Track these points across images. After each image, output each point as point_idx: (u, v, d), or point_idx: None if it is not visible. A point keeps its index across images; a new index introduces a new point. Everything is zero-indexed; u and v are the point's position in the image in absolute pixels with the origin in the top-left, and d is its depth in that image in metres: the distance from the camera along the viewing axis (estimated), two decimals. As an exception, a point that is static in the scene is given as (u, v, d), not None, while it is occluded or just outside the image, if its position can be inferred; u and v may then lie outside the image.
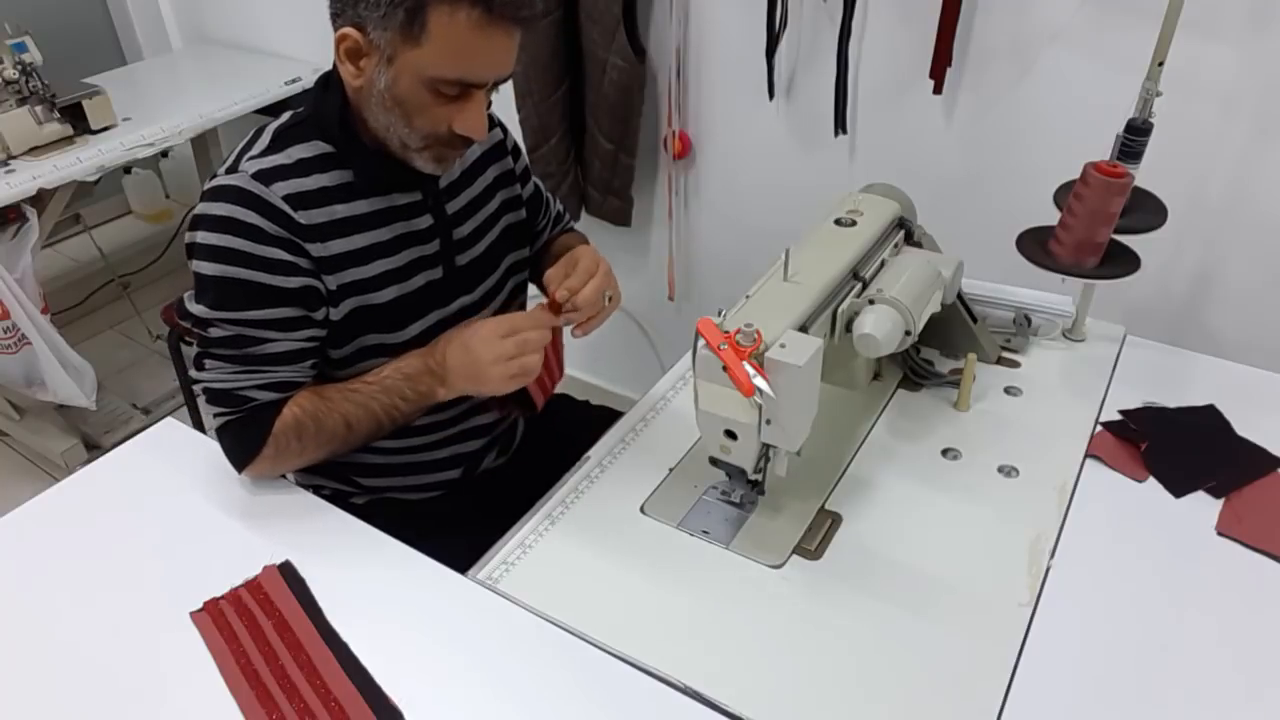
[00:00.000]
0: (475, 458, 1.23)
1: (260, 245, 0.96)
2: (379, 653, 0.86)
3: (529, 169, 1.25)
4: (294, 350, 1.01)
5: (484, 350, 1.00)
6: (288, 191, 0.97)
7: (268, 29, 2.52)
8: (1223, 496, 1.03)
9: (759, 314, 0.92)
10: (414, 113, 0.95)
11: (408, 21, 0.89)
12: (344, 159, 1.01)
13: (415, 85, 0.92)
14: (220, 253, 0.96)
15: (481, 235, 1.15)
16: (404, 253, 1.06)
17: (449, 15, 0.88)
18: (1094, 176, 1.13)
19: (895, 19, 1.57)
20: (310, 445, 1.02)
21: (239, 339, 0.98)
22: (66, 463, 2.20)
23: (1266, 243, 1.43)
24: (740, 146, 1.87)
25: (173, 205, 3.24)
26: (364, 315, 1.04)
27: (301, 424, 1.00)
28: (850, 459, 1.10)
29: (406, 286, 1.07)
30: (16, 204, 1.90)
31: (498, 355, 0.99)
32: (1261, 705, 0.82)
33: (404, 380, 1.03)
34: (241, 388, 0.99)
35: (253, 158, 0.99)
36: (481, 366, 1.00)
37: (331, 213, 1.00)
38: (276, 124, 1.03)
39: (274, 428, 1.00)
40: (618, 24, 1.75)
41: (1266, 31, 1.30)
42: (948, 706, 0.81)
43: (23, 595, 0.94)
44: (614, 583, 0.94)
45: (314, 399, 1.02)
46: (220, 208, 0.96)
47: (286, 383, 1.01)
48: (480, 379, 1.01)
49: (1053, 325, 1.29)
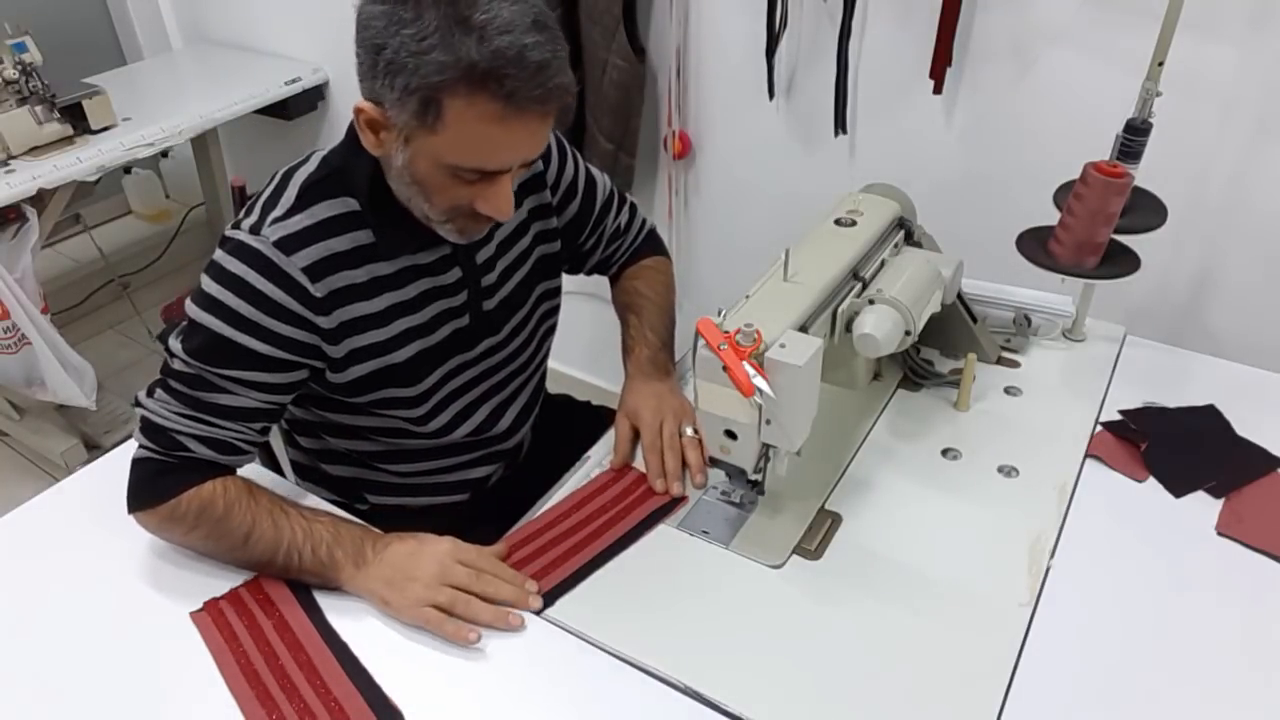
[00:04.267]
0: (483, 481, 1.22)
1: (265, 316, 0.92)
2: (379, 653, 0.86)
3: (577, 188, 1.17)
4: (248, 408, 0.94)
5: (429, 562, 0.90)
6: (308, 261, 0.93)
7: (268, 29, 2.52)
8: (1223, 496, 1.03)
9: (759, 314, 0.92)
10: (434, 192, 0.90)
11: (422, 109, 0.83)
12: (369, 217, 0.96)
13: (433, 168, 0.88)
14: (222, 309, 0.91)
15: (512, 274, 1.11)
16: (429, 308, 1.02)
17: (466, 107, 0.82)
18: (1094, 176, 1.13)
19: (895, 19, 1.57)
20: (202, 530, 0.93)
21: (198, 380, 0.92)
22: (66, 463, 2.20)
23: (1266, 243, 1.43)
24: (740, 146, 1.87)
25: (173, 205, 3.24)
26: (382, 375, 1.01)
27: (209, 506, 0.92)
28: (850, 459, 1.09)
29: (430, 340, 1.03)
30: (16, 204, 1.90)
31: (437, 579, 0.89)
32: (1262, 705, 0.82)
33: (330, 533, 0.93)
34: (179, 431, 0.92)
35: (277, 219, 0.93)
36: (421, 572, 0.89)
37: (351, 277, 0.96)
38: (304, 177, 0.97)
39: (183, 494, 0.92)
40: (618, 24, 1.75)
41: (1266, 31, 1.30)
42: (948, 706, 0.81)
43: (23, 595, 0.94)
44: (614, 583, 0.94)
45: (240, 492, 0.94)
46: (237, 266, 0.92)
47: (225, 443, 0.94)
48: (402, 591, 0.89)
49: (1053, 325, 1.28)
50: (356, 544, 0.93)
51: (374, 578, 0.91)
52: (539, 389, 1.25)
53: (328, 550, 0.92)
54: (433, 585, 0.89)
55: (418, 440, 1.11)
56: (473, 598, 0.89)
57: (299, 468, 1.25)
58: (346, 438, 1.13)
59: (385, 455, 1.14)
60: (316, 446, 1.18)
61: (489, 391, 1.13)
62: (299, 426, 1.18)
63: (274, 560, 0.92)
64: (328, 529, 0.94)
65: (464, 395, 1.10)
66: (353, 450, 1.15)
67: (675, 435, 1.07)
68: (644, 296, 1.26)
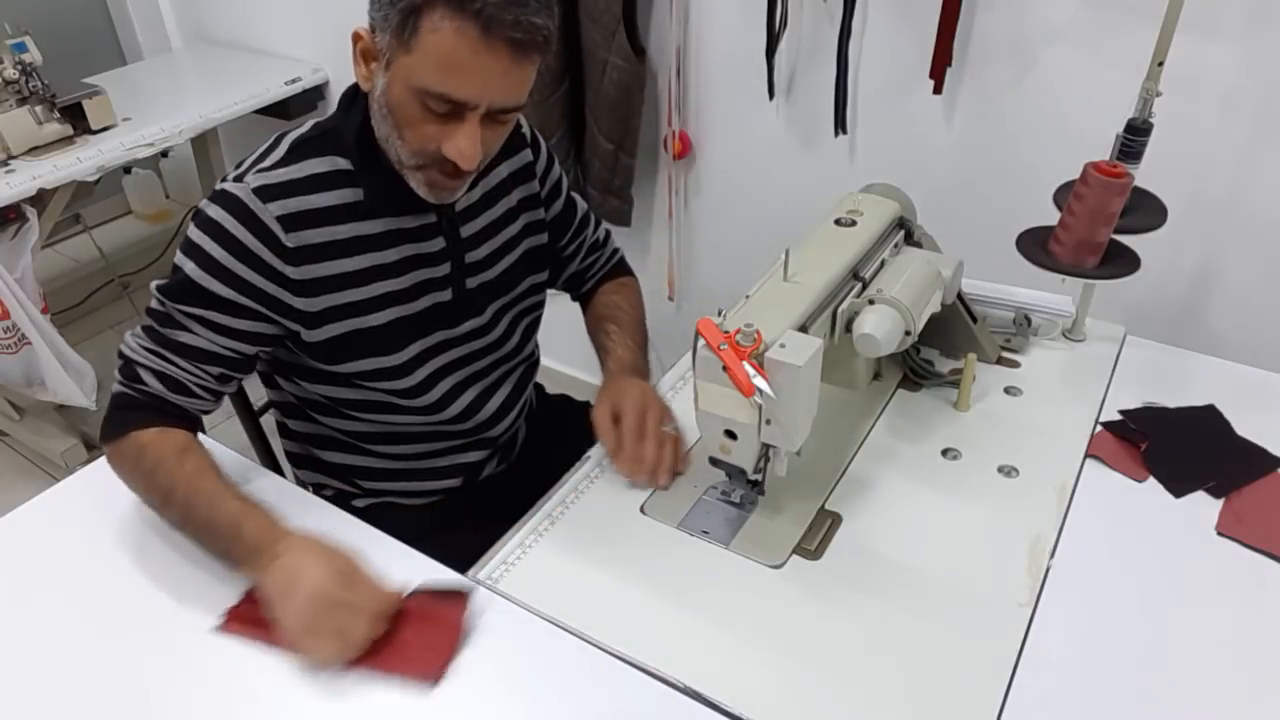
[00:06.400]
0: (476, 467, 1.23)
1: (234, 260, 0.95)
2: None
3: (562, 189, 1.22)
4: (204, 350, 0.97)
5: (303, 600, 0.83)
6: (284, 211, 0.96)
7: (268, 29, 2.52)
8: (1223, 496, 1.03)
9: (759, 314, 0.92)
10: (404, 125, 0.92)
11: (401, 24, 0.86)
12: (358, 176, 1.00)
13: (406, 95, 0.90)
14: (196, 252, 0.96)
15: (499, 259, 1.13)
16: (410, 274, 1.05)
17: (440, 24, 0.85)
18: (1094, 176, 1.13)
19: (895, 19, 1.57)
20: (136, 478, 0.97)
21: (165, 318, 0.97)
22: (66, 463, 2.20)
23: (1266, 243, 1.43)
24: (740, 146, 1.87)
25: (173, 205, 3.24)
26: (357, 338, 1.03)
27: (144, 454, 0.95)
28: (850, 459, 1.09)
29: (410, 308, 1.06)
30: (16, 204, 1.90)
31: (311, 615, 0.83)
32: (1262, 705, 0.82)
33: (230, 527, 0.90)
34: (140, 364, 0.97)
35: (263, 169, 0.98)
36: (291, 607, 0.83)
37: (333, 233, 0.99)
38: (297, 134, 1.01)
39: (129, 433, 0.96)
40: (618, 24, 1.75)
41: (1266, 31, 1.30)
42: (948, 706, 0.81)
43: (22, 595, 0.94)
44: (614, 583, 0.94)
45: (176, 451, 0.94)
46: (215, 211, 0.96)
47: (176, 380, 0.97)
48: (283, 614, 0.84)
49: (1053, 325, 1.29)
50: (259, 539, 0.88)
51: (264, 587, 0.86)
52: (526, 380, 1.27)
53: (226, 545, 0.90)
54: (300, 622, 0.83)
55: (408, 418, 1.13)
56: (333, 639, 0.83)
57: (294, 458, 1.26)
58: (337, 417, 1.14)
59: (376, 437, 1.15)
60: (309, 430, 1.19)
61: (476, 375, 1.16)
62: (289, 409, 1.19)
63: (182, 530, 0.95)
64: (234, 512, 0.90)
65: (451, 374, 1.12)
66: (344, 431, 1.16)
67: (657, 427, 1.08)
68: (623, 310, 1.29)
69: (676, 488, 1.06)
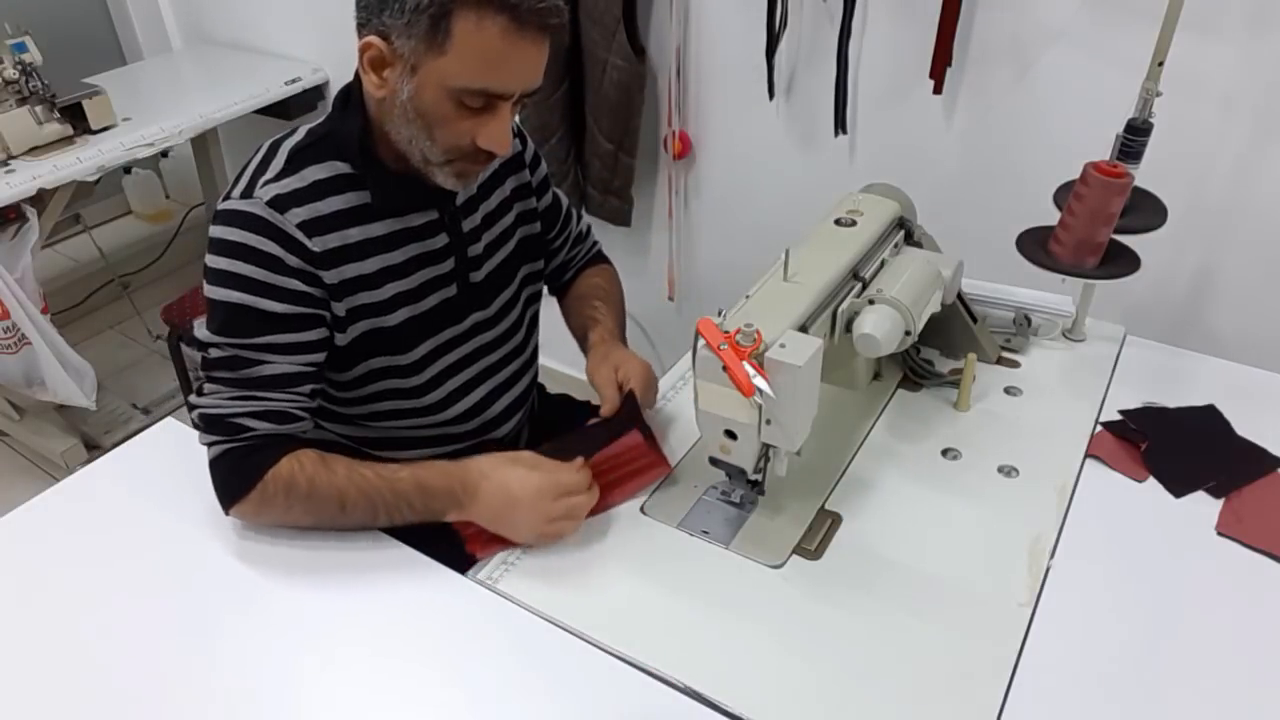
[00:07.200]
0: None
1: (277, 275, 0.94)
2: (379, 652, 0.86)
3: (549, 181, 1.23)
4: (291, 374, 0.97)
5: (529, 506, 0.95)
6: (302, 218, 0.95)
7: (268, 29, 2.52)
8: (1223, 496, 1.03)
9: (759, 314, 0.92)
10: (436, 125, 0.92)
11: (432, 29, 0.86)
12: (361, 180, 0.99)
13: (439, 96, 0.90)
14: (232, 279, 0.94)
15: (496, 249, 1.13)
16: (418, 274, 1.04)
17: (475, 23, 0.85)
18: (1094, 176, 1.13)
19: (895, 19, 1.57)
20: (298, 508, 0.96)
21: (235, 360, 0.95)
22: (66, 463, 2.20)
23: (1266, 243, 1.43)
24: (740, 146, 1.87)
25: (173, 205, 3.24)
26: (373, 338, 1.03)
27: (294, 483, 0.95)
28: (850, 459, 1.09)
29: (419, 307, 1.06)
30: (16, 204, 1.90)
31: (543, 515, 0.95)
32: (1262, 705, 0.82)
33: (417, 491, 0.96)
34: (235, 414, 0.95)
35: (268, 181, 0.96)
36: (520, 517, 0.96)
37: (345, 237, 0.98)
38: (292, 143, 1.00)
39: (265, 475, 0.94)
40: (618, 24, 1.75)
41: (1266, 31, 1.30)
42: (948, 706, 0.81)
43: (22, 595, 0.94)
44: (614, 583, 0.94)
45: (317, 464, 0.96)
46: (235, 233, 0.94)
47: (282, 413, 0.97)
48: (512, 528, 0.97)
49: (1053, 325, 1.29)
50: (443, 489, 0.97)
51: (484, 515, 0.97)
52: (532, 381, 1.28)
53: (423, 503, 0.96)
54: (542, 521, 0.96)
55: (413, 421, 1.12)
56: (578, 502, 0.97)
57: None
58: (344, 424, 1.14)
59: (382, 443, 1.15)
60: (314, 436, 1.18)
61: (484, 373, 1.16)
62: None
63: (377, 521, 0.98)
64: (409, 484, 0.96)
65: (459, 373, 1.13)
66: (349, 437, 1.16)
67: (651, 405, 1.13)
68: (607, 292, 1.31)
69: (676, 487, 1.06)
